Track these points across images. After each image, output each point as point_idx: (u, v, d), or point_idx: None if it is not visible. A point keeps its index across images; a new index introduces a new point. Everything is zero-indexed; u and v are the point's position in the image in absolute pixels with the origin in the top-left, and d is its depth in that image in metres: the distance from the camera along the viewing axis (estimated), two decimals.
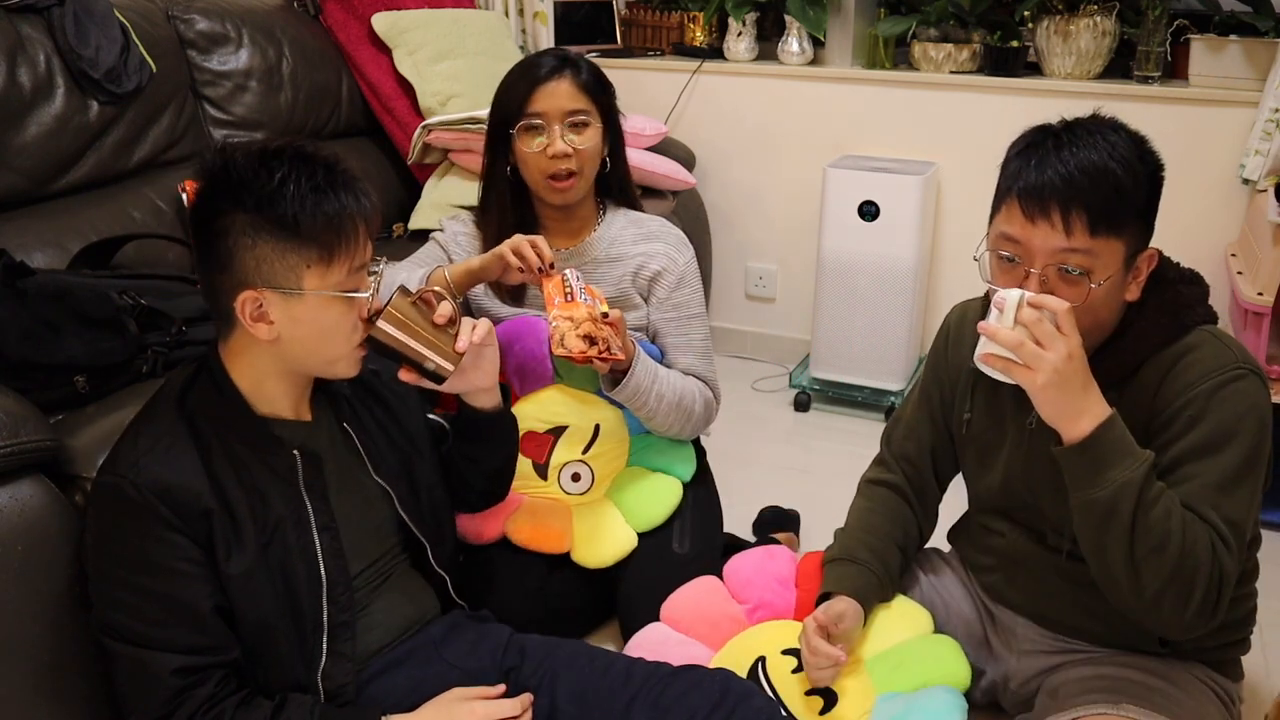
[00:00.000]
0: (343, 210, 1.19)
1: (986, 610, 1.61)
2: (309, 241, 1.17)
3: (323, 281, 1.20)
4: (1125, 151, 1.25)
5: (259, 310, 1.19)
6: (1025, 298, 1.20)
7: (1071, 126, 1.29)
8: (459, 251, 1.81)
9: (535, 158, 1.71)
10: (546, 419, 1.80)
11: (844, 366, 2.86)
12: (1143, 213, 1.27)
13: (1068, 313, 1.20)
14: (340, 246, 1.19)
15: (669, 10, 3.30)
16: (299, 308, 1.20)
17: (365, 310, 1.25)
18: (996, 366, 1.23)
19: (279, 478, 1.26)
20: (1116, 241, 1.25)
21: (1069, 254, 1.24)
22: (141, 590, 1.17)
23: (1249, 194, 2.47)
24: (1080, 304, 1.24)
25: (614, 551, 1.75)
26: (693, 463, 1.87)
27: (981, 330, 1.22)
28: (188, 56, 2.32)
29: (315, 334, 1.22)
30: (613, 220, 1.84)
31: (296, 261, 1.18)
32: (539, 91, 1.70)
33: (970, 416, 1.52)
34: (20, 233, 1.86)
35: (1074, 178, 1.23)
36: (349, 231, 1.20)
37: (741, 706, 1.30)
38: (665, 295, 1.81)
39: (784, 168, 3.07)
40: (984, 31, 2.85)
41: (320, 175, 1.19)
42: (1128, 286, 1.30)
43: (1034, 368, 1.19)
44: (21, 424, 1.28)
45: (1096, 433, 1.22)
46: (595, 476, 1.82)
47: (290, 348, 1.23)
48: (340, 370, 1.28)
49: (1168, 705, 1.35)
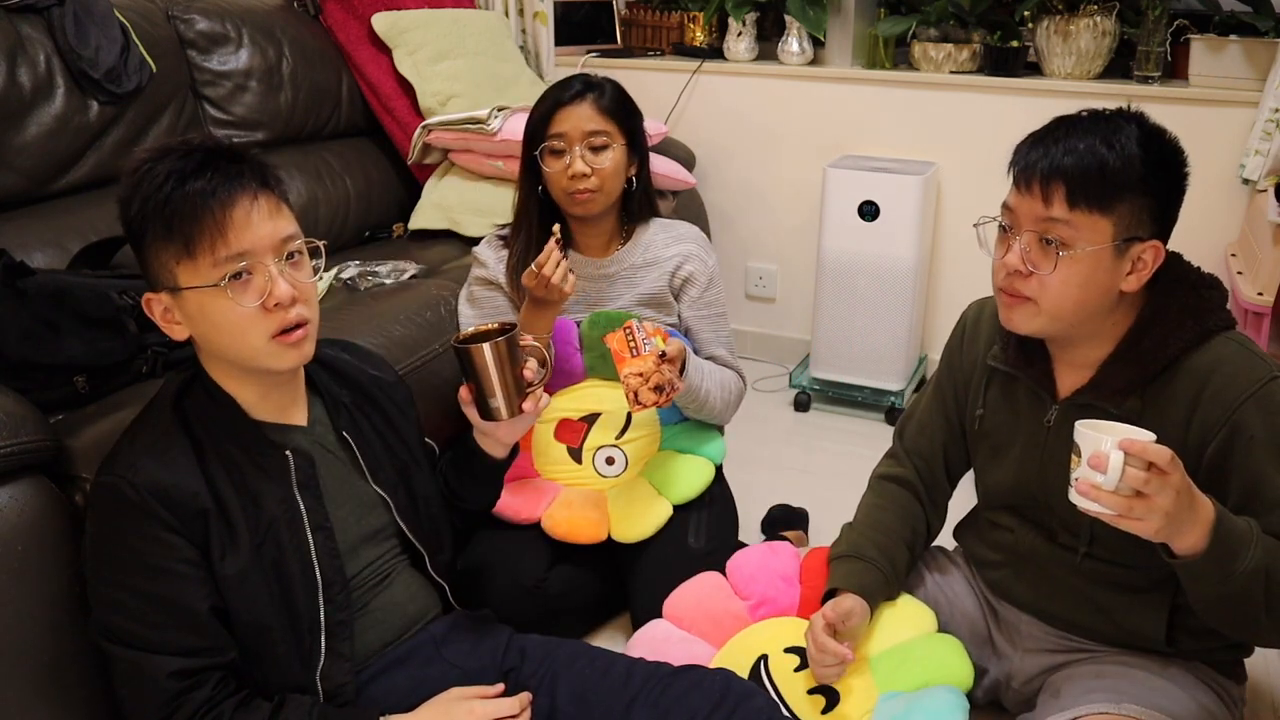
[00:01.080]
0: (193, 197, 1.12)
1: (990, 607, 1.61)
2: (172, 235, 1.14)
3: (193, 275, 1.15)
4: (1126, 137, 1.26)
5: (165, 313, 1.20)
6: (1126, 457, 1.11)
7: (1089, 115, 1.31)
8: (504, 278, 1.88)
9: (558, 176, 1.79)
10: (580, 408, 1.88)
11: (844, 366, 2.86)
12: (1137, 197, 1.26)
13: (1172, 459, 1.12)
14: (196, 237, 1.13)
15: (669, 10, 3.30)
16: (187, 305, 1.18)
17: (269, 299, 1.16)
18: (1103, 518, 1.17)
19: (272, 479, 1.26)
20: (1101, 219, 1.26)
21: (1049, 223, 1.27)
22: (138, 592, 1.17)
23: (1249, 194, 2.47)
24: (1051, 273, 1.27)
25: (652, 523, 1.81)
26: (723, 447, 1.94)
27: (1082, 494, 1.15)
28: (188, 56, 2.32)
29: (213, 329, 1.19)
30: (642, 230, 1.93)
31: (167, 259, 1.16)
32: (560, 113, 1.78)
33: (983, 413, 1.52)
34: (20, 233, 1.86)
35: (1062, 153, 1.26)
36: (202, 220, 1.12)
37: (742, 707, 1.29)
38: (698, 295, 1.91)
39: (784, 168, 3.07)
40: (984, 31, 2.85)
41: (192, 164, 1.13)
42: (1124, 276, 1.29)
43: (1146, 520, 1.14)
44: (21, 424, 1.27)
45: (1213, 539, 1.18)
46: (629, 460, 1.89)
47: (209, 347, 1.23)
48: (267, 362, 1.21)
49: (1170, 705, 1.35)
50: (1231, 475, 1.28)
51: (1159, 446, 1.12)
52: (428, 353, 1.89)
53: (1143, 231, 1.28)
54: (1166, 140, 1.29)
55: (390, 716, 1.27)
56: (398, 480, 1.41)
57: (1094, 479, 1.13)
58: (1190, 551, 1.19)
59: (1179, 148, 1.30)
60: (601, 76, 1.85)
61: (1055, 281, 1.29)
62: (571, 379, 1.88)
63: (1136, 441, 1.11)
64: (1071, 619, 1.48)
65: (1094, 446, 1.13)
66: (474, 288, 1.92)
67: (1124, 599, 1.42)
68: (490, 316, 1.89)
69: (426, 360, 1.88)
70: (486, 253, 1.91)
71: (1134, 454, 1.11)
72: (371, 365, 1.48)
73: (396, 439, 1.43)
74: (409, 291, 2.04)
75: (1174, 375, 1.31)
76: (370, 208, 2.63)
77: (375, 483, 1.38)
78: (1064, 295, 1.29)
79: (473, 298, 1.92)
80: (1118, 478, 1.12)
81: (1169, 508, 1.13)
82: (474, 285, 1.92)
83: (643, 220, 1.93)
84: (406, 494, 1.42)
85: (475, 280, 1.92)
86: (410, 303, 1.97)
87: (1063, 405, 1.40)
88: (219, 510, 1.20)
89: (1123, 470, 1.12)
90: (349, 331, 1.77)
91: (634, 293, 1.88)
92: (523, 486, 1.87)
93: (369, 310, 1.92)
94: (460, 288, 1.99)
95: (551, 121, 1.78)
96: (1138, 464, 1.12)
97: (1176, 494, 1.13)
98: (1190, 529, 1.17)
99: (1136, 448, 1.11)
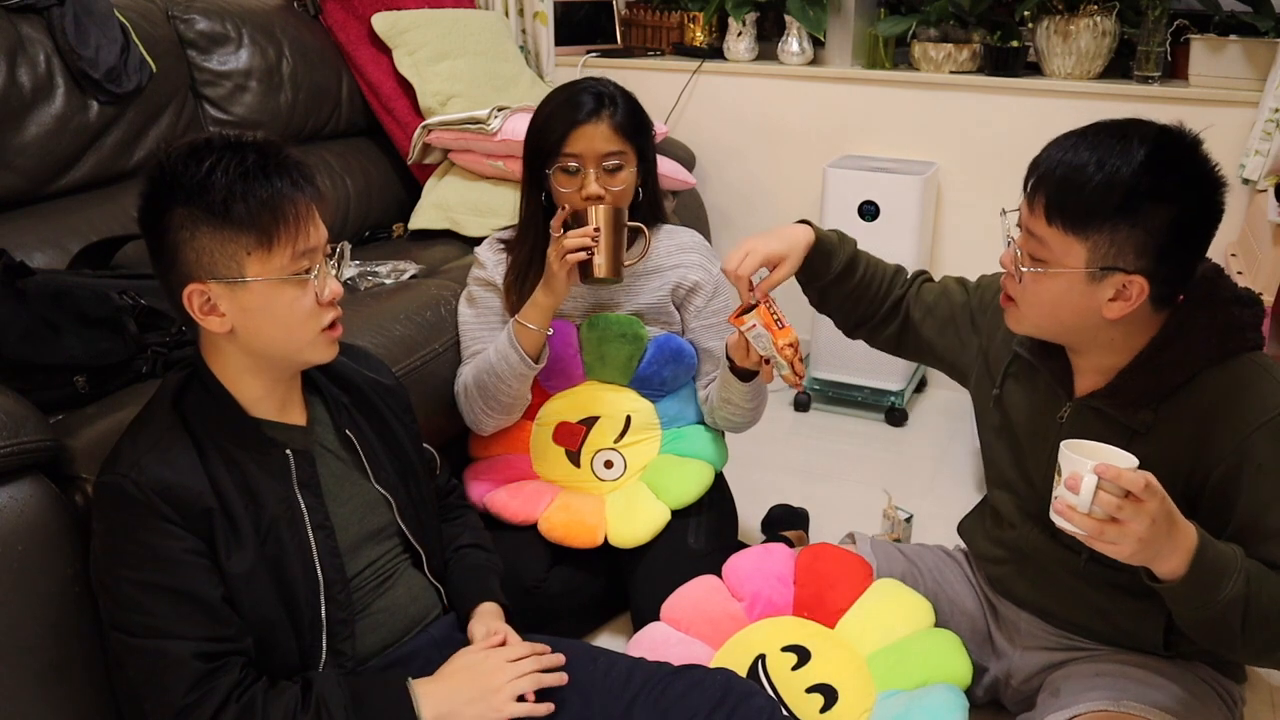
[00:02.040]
0: (277, 193, 1.17)
1: (990, 604, 1.61)
2: (246, 227, 1.16)
3: (265, 267, 1.18)
4: (1125, 161, 1.19)
5: (207, 304, 1.19)
6: (1100, 481, 1.12)
7: (1110, 126, 1.24)
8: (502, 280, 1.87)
9: (570, 196, 1.75)
10: (579, 411, 1.87)
11: (844, 366, 2.86)
12: (1119, 226, 1.19)
13: (1146, 486, 1.11)
14: (279, 230, 1.17)
15: (669, 10, 3.30)
16: (246, 296, 1.19)
17: (324, 295, 1.23)
18: (1077, 538, 1.17)
19: (272, 477, 1.26)
20: (1074, 241, 1.22)
21: (1029, 236, 1.27)
22: (151, 586, 1.17)
23: (1249, 194, 2.47)
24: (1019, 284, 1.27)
25: (649, 528, 1.80)
26: (725, 452, 1.95)
27: (1059, 514, 1.16)
28: (188, 56, 2.32)
29: (271, 322, 1.21)
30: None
31: (235, 249, 1.17)
32: (576, 133, 1.72)
33: (999, 393, 1.51)
34: (20, 233, 1.86)
35: (1058, 163, 1.23)
36: (286, 214, 1.17)
37: (743, 706, 1.30)
38: (703, 305, 1.89)
39: (784, 168, 3.07)
40: (984, 31, 2.85)
41: (251, 160, 1.17)
42: (1105, 303, 1.24)
43: (1119, 544, 1.14)
44: (21, 424, 1.27)
45: (1193, 565, 1.17)
46: (628, 464, 1.88)
47: (250, 339, 1.22)
48: (311, 356, 1.26)
49: (1170, 703, 1.35)
50: (1236, 501, 1.27)
51: (1135, 474, 1.11)
52: (428, 352, 1.89)
53: (1124, 263, 1.21)
54: (1184, 171, 1.20)
55: (417, 681, 1.27)
56: (399, 482, 1.41)
57: (1069, 499, 1.14)
58: (1169, 576, 1.18)
59: (1202, 179, 1.20)
60: (612, 85, 1.79)
61: (1028, 294, 1.28)
62: (570, 381, 1.88)
63: (1112, 468, 1.11)
64: (1071, 618, 1.48)
65: (1072, 468, 1.14)
66: (473, 288, 1.92)
67: (1124, 602, 1.41)
68: (488, 317, 1.89)
69: (426, 360, 1.88)
70: (486, 254, 1.91)
71: (1109, 479, 1.11)
72: (369, 368, 1.48)
73: (395, 442, 1.43)
74: (409, 291, 2.04)
75: (1190, 392, 1.29)
76: (370, 208, 2.63)
77: (377, 482, 1.38)
78: (1037, 307, 1.29)
79: (471, 297, 1.92)
80: (1090, 501, 1.12)
81: (1143, 534, 1.12)
82: (473, 285, 1.92)
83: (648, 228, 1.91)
84: (407, 495, 1.42)
85: (474, 280, 1.92)
86: (410, 303, 1.97)
87: (1076, 404, 1.39)
88: (222, 509, 1.20)
89: (1095, 494, 1.12)
90: (349, 331, 1.74)
91: (634, 301, 1.87)
92: (522, 488, 1.87)
93: (369, 310, 1.92)
94: (460, 287, 1.99)
95: (566, 141, 1.72)
96: (1112, 489, 1.11)
97: (1152, 521, 1.12)
98: (1169, 555, 1.17)
99: (1111, 474, 1.10)
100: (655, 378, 1.87)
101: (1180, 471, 1.28)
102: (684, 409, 1.93)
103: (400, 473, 1.42)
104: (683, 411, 1.93)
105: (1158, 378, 1.30)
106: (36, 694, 1.27)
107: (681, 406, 1.93)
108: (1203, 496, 1.29)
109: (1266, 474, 1.24)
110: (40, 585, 1.26)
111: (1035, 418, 1.45)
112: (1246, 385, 1.27)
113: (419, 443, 1.51)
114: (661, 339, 1.85)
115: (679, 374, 1.89)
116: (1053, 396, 1.42)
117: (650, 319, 1.87)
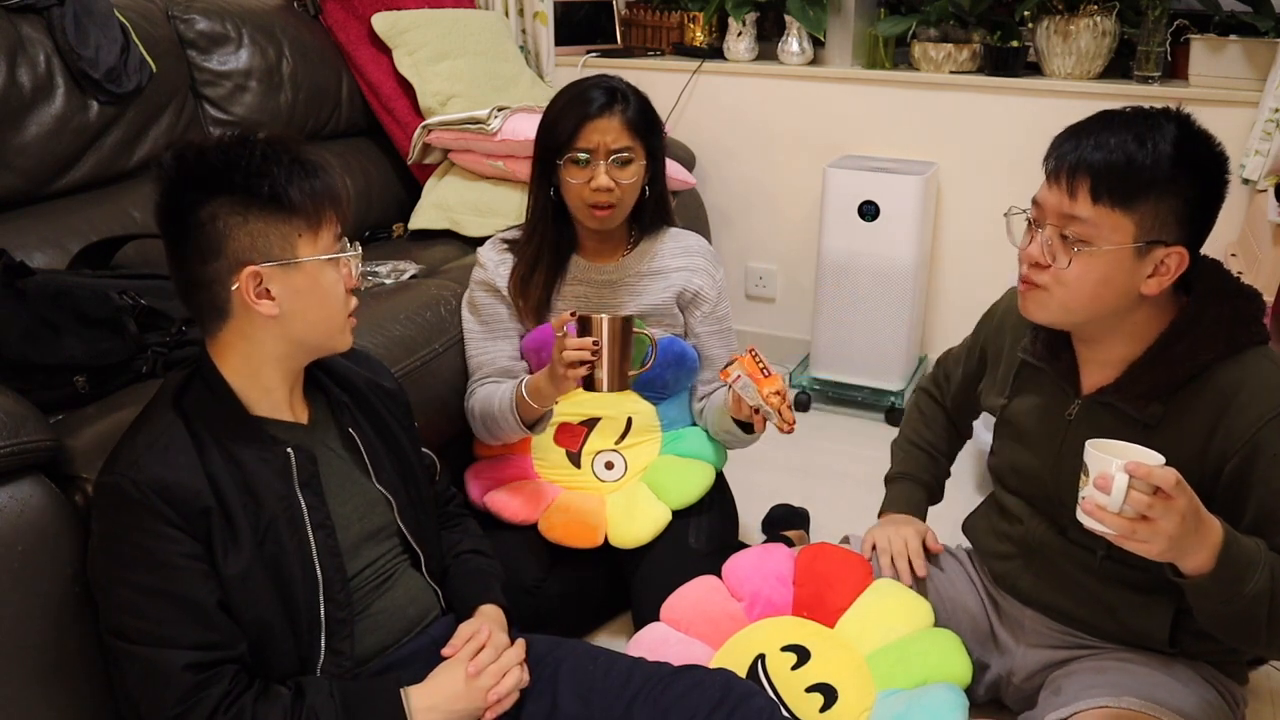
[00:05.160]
0: (319, 183, 1.25)
1: (993, 601, 1.61)
2: (297, 212, 1.22)
3: (315, 248, 1.24)
4: (1161, 136, 1.23)
5: (259, 287, 1.22)
6: (1131, 480, 1.12)
7: (1131, 111, 1.29)
8: (503, 282, 1.87)
9: (579, 187, 1.77)
10: (579, 412, 1.88)
11: (844, 366, 2.86)
12: (1164, 198, 1.24)
13: (1177, 483, 1.12)
14: (323, 215, 1.25)
15: (669, 10, 3.30)
16: (298, 277, 1.23)
17: (354, 276, 1.30)
18: (1107, 537, 1.18)
19: (273, 476, 1.26)
20: (1123, 218, 1.24)
21: (1070, 220, 1.27)
22: (146, 589, 1.17)
23: (1249, 194, 2.47)
24: (1067, 267, 1.27)
25: (649, 529, 1.81)
26: (725, 452, 1.96)
27: (1088, 514, 1.16)
28: (188, 56, 2.32)
29: (316, 303, 1.26)
30: (651, 239, 1.91)
31: (288, 231, 1.22)
32: (587, 127, 1.75)
33: (1006, 402, 1.52)
34: (20, 233, 1.86)
35: (1092, 148, 1.25)
36: (336, 197, 1.27)
37: (743, 706, 1.30)
38: (709, 310, 1.91)
39: (784, 168, 3.07)
40: (984, 31, 2.85)
41: (294, 150, 1.25)
42: (1144, 279, 1.28)
43: (1150, 543, 1.14)
44: (21, 424, 1.27)
45: (1219, 560, 1.18)
46: (629, 466, 1.89)
47: (292, 323, 1.25)
48: (339, 343, 1.31)
49: (1171, 699, 1.35)
50: (1250, 493, 1.27)
51: (1165, 470, 1.12)
52: (428, 353, 1.89)
53: (1167, 235, 1.26)
54: (1207, 144, 1.26)
55: (410, 688, 1.28)
56: (399, 483, 1.41)
57: (1099, 500, 1.14)
58: (1196, 572, 1.19)
59: (1219, 154, 1.27)
60: (625, 83, 1.80)
61: (1071, 277, 1.28)
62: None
63: (1143, 465, 1.11)
64: (1076, 614, 1.48)
65: (1100, 468, 1.14)
66: (474, 291, 1.92)
67: (1132, 598, 1.42)
68: (490, 324, 1.89)
69: (426, 360, 1.88)
70: (488, 255, 1.90)
71: (1139, 478, 1.11)
72: (368, 369, 1.48)
73: (395, 444, 1.43)
74: (409, 291, 2.04)
75: (1201, 385, 1.30)
76: (370, 208, 2.63)
77: (378, 482, 1.38)
78: (1079, 291, 1.29)
79: (473, 303, 1.92)
80: (1121, 500, 1.12)
81: (1173, 531, 1.13)
82: (475, 289, 1.92)
83: (654, 229, 1.92)
84: (407, 496, 1.42)
85: (476, 283, 1.91)
86: (410, 303, 1.97)
87: (1085, 401, 1.39)
88: (221, 508, 1.20)
89: (1127, 493, 1.12)
90: None
91: (637, 302, 1.87)
92: (522, 487, 1.87)
93: (369, 310, 1.92)
94: (460, 287, 1.99)
95: (579, 134, 1.74)
96: (1143, 487, 1.12)
97: (1181, 518, 1.13)
98: (1197, 551, 1.17)
99: (1142, 471, 1.11)
100: (658, 380, 1.87)
101: (1192, 465, 1.28)
102: (684, 412, 1.94)
103: (400, 473, 1.42)
104: (683, 414, 1.94)
105: (1168, 370, 1.31)
106: (36, 694, 1.27)
107: (682, 410, 1.94)
108: (1216, 490, 1.29)
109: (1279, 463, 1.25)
110: (40, 585, 1.26)
111: (1044, 417, 1.46)
112: (1257, 376, 1.28)
113: (418, 446, 1.51)
114: (665, 342, 1.85)
115: (681, 377, 1.89)
116: (1060, 395, 1.43)
117: (653, 320, 1.87)
